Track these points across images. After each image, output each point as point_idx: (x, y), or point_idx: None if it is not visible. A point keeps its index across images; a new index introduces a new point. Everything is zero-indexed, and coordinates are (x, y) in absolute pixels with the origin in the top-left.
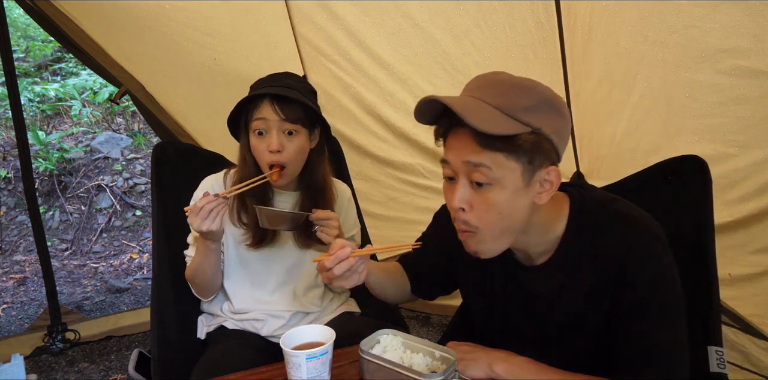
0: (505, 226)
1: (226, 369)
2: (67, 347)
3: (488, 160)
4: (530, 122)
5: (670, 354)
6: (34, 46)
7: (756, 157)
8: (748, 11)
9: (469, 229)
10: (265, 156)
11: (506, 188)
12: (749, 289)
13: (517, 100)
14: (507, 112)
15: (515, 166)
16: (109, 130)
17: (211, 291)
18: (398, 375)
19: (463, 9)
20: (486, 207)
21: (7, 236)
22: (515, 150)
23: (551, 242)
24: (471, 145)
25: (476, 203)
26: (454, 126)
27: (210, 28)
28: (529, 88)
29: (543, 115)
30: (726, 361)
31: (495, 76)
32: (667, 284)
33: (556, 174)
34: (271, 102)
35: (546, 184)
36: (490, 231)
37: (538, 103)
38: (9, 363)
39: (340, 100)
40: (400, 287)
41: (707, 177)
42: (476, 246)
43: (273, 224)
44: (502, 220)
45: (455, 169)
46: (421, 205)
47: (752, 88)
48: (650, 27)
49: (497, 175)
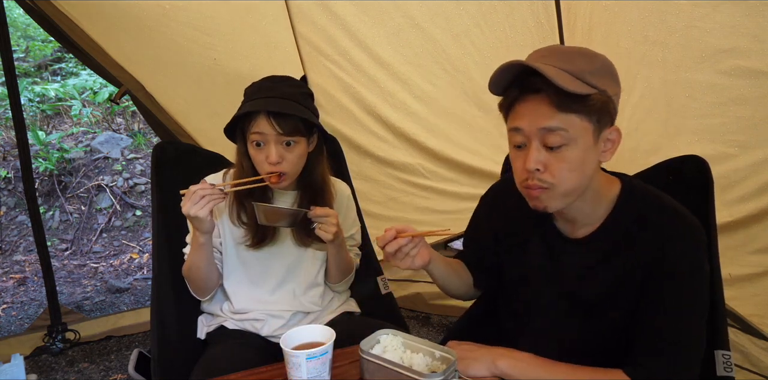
0: (577, 182)
1: (226, 369)
2: (67, 347)
3: (564, 123)
4: (597, 84)
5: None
6: (34, 46)
7: (756, 157)
8: (748, 11)
9: (543, 186)
10: (264, 166)
11: (579, 147)
12: (749, 289)
13: (583, 65)
14: (577, 76)
15: (587, 126)
16: (109, 130)
17: (206, 290)
18: (398, 375)
19: (463, 9)
20: (562, 165)
21: (7, 236)
22: (588, 110)
23: (599, 215)
24: (546, 110)
25: (551, 163)
26: (524, 94)
27: (210, 28)
28: (592, 55)
29: (606, 78)
30: (733, 365)
31: (555, 47)
32: (699, 283)
33: (617, 133)
34: (267, 116)
35: (609, 142)
36: (563, 187)
37: (601, 68)
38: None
39: (340, 100)
40: (464, 281)
41: (708, 177)
42: (547, 202)
43: (270, 221)
44: (574, 176)
45: (529, 134)
46: (421, 205)
47: (752, 88)
48: (650, 27)
49: (572, 135)
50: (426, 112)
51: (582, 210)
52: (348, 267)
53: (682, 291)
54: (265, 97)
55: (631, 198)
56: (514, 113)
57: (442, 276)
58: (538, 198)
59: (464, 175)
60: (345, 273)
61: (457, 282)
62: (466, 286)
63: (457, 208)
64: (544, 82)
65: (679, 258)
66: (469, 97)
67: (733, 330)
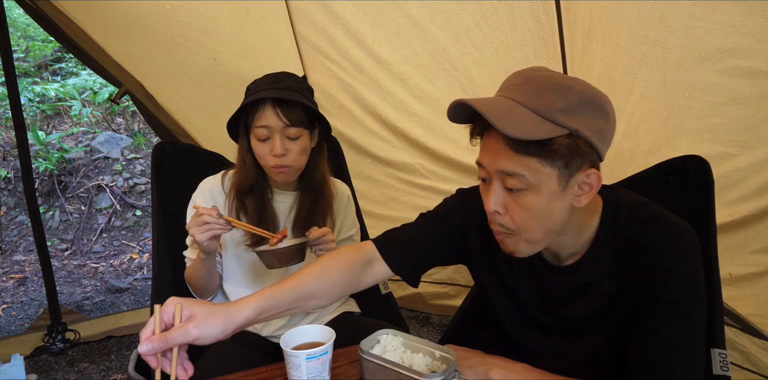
0: (541, 231)
1: (226, 369)
2: (67, 347)
3: (521, 168)
4: (567, 124)
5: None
6: (34, 46)
7: (756, 157)
8: (748, 11)
9: (505, 231)
10: (269, 159)
11: (541, 193)
12: (749, 289)
13: (553, 101)
14: (542, 114)
15: (550, 171)
16: (109, 130)
17: (207, 293)
18: (398, 375)
19: (463, 9)
20: (521, 211)
21: (7, 236)
22: (550, 155)
23: (584, 243)
24: (503, 150)
25: (511, 207)
26: (487, 128)
27: (210, 28)
28: (568, 87)
29: (582, 115)
30: (729, 364)
31: (534, 74)
32: (695, 290)
33: (596, 176)
34: (273, 106)
35: (585, 186)
36: (526, 234)
37: (576, 103)
38: (9, 363)
39: (340, 100)
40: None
41: (709, 177)
42: (512, 247)
43: (283, 262)
44: (537, 224)
45: (490, 174)
46: (421, 205)
47: (752, 88)
48: (650, 27)
49: (532, 181)
50: (426, 112)
51: (563, 243)
52: None
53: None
54: (270, 89)
55: (615, 219)
56: (482, 145)
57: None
58: (504, 243)
59: (464, 175)
60: None
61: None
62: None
63: None
64: None
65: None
66: (469, 97)
67: (733, 330)
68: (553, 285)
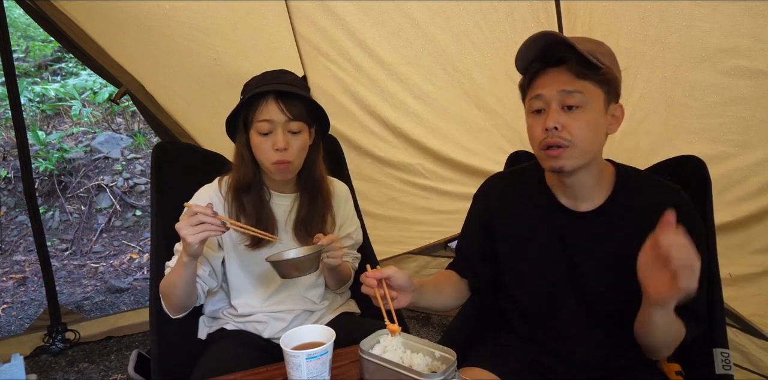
0: (591, 142)
1: (226, 369)
2: (67, 347)
3: (581, 87)
4: (606, 63)
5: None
6: (34, 46)
7: (756, 157)
8: (748, 11)
9: (563, 144)
10: (270, 154)
11: (593, 110)
12: (749, 289)
13: (594, 47)
14: (591, 54)
15: (599, 93)
16: (109, 130)
17: (179, 309)
18: (398, 375)
19: (463, 9)
20: (579, 124)
21: (7, 236)
22: (600, 79)
23: (598, 190)
24: (566, 78)
25: (569, 122)
26: (546, 67)
27: (210, 29)
28: (600, 42)
29: (611, 61)
30: (732, 363)
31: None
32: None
33: (621, 110)
34: (276, 100)
35: (614, 118)
36: (581, 145)
37: (607, 52)
38: (9, 363)
39: (340, 100)
40: (451, 296)
41: (706, 177)
42: (565, 160)
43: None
44: (589, 136)
45: (549, 99)
46: (421, 205)
47: (752, 88)
48: (650, 27)
49: (588, 99)
50: (426, 112)
51: (584, 183)
52: (346, 277)
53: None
54: (272, 83)
55: (628, 177)
56: (535, 84)
57: (430, 305)
58: (557, 158)
59: (464, 175)
60: (343, 282)
61: (444, 300)
62: (453, 300)
63: (457, 208)
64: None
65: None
66: (469, 97)
67: (733, 330)
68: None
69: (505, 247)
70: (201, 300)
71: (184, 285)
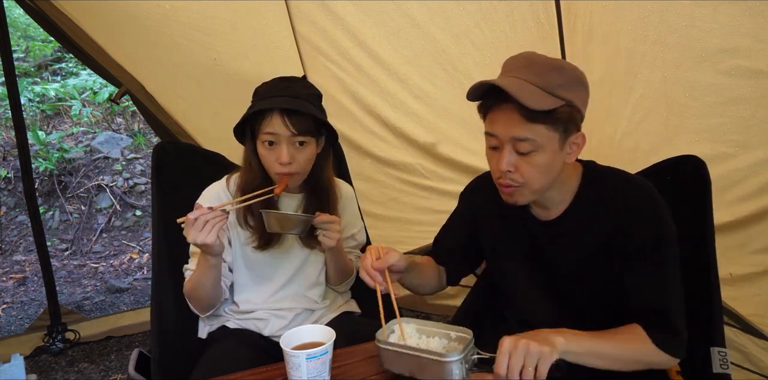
0: (544, 182)
1: (226, 369)
2: (67, 347)
3: (532, 133)
4: (565, 96)
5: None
6: (34, 46)
7: (756, 157)
8: (748, 11)
9: (514, 185)
10: (275, 166)
11: (546, 153)
12: (749, 289)
13: (554, 79)
14: (545, 89)
15: (553, 135)
16: (109, 130)
17: (209, 308)
18: (418, 359)
19: (463, 9)
20: (530, 168)
21: (7, 236)
22: (554, 122)
23: (565, 198)
24: (516, 120)
25: (521, 165)
26: (498, 102)
27: (210, 29)
28: (562, 67)
29: (574, 90)
30: (729, 362)
31: (532, 58)
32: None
33: (582, 138)
34: (281, 115)
35: (574, 146)
36: (531, 186)
37: (570, 80)
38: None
39: (340, 100)
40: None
41: (706, 177)
42: (517, 197)
43: (284, 228)
44: (542, 177)
45: (502, 141)
46: (421, 205)
47: (752, 88)
48: (650, 27)
49: (540, 143)
50: (426, 112)
51: (550, 197)
52: (348, 271)
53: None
54: (278, 96)
55: (593, 179)
56: (490, 119)
57: (410, 284)
58: (510, 195)
59: (464, 175)
60: (345, 277)
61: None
62: (432, 284)
63: None
64: None
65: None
66: None
67: (733, 330)
68: (542, 239)
69: (488, 248)
70: (226, 295)
71: (213, 284)
